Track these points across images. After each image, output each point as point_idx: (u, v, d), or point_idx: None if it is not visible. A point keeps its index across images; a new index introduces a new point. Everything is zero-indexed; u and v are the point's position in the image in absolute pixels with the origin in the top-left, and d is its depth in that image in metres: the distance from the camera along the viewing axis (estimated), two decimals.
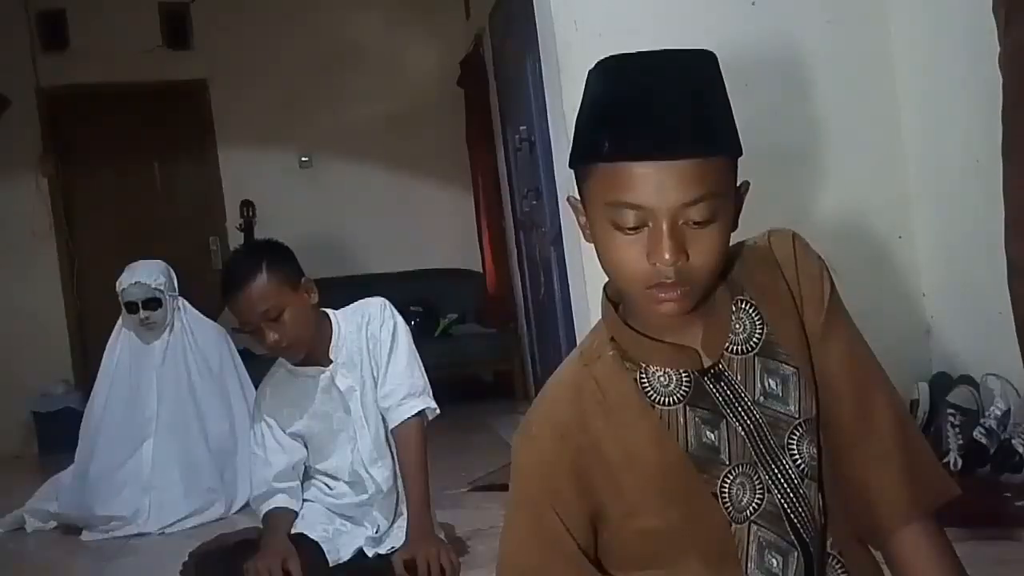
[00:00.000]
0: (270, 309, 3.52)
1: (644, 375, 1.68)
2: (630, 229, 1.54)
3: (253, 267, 3.55)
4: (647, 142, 1.51)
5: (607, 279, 1.72)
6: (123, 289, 5.47)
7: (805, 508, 1.67)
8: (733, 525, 1.66)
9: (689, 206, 1.52)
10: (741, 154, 1.60)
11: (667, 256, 1.51)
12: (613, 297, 1.74)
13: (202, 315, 5.82)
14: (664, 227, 1.52)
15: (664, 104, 1.52)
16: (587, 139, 1.58)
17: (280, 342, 3.57)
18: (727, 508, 1.65)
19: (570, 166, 1.65)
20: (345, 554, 3.74)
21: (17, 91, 9.02)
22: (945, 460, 3.72)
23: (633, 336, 1.69)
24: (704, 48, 1.60)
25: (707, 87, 1.57)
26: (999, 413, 3.78)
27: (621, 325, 1.70)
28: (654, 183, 1.51)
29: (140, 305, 5.45)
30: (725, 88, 1.59)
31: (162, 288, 5.49)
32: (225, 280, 3.61)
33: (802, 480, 1.67)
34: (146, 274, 5.49)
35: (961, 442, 3.74)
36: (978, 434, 3.73)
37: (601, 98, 1.56)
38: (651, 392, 1.68)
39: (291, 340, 3.59)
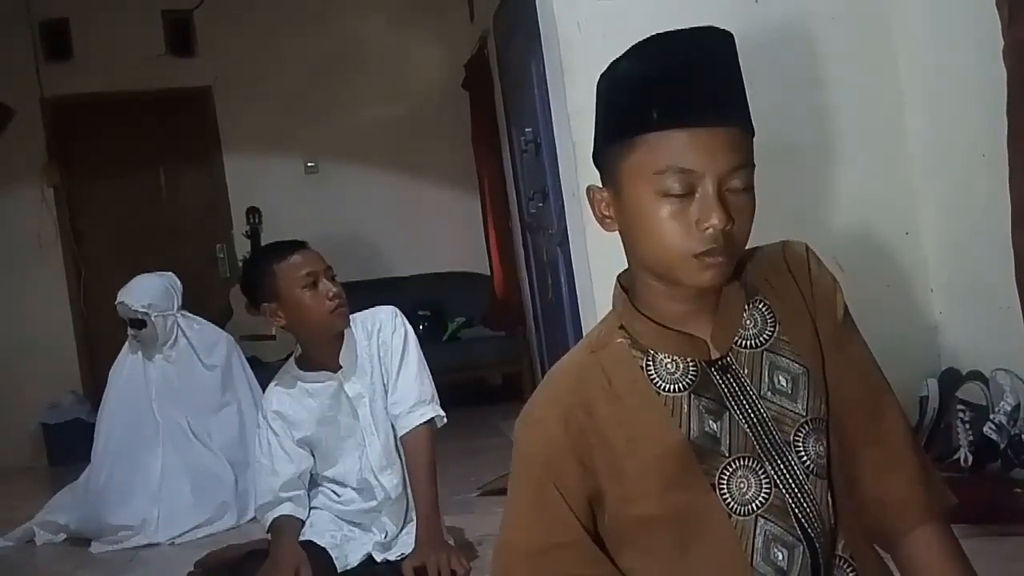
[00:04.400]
0: (330, 268, 3.75)
1: (651, 363, 1.71)
2: (677, 196, 1.59)
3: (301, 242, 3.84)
4: (699, 108, 1.59)
5: (620, 271, 1.78)
6: (116, 305, 5.54)
7: (811, 505, 1.68)
8: (733, 517, 1.66)
9: (735, 171, 1.59)
10: (754, 134, 1.65)
11: (716, 219, 1.57)
12: (627, 285, 1.76)
13: (210, 324, 5.82)
14: (713, 191, 1.58)
15: (711, 74, 1.62)
16: (628, 114, 1.63)
17: (340, 296, 3.71)
18: (725, 499, 1.66)
19: (596, 154, 1.72)
20: (353, 560, 3.74)
21: (21, 101, 9.02)
22: (956, 456, 3.72)
23: (645, 323, 1.72)
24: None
25: (732, 62, 1.66)
26: (1009, 408, 3.76)
27: (634, 312, 1.73)
28: (705, 147, 1.58)
29: (128, 323, 5.49)
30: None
31: (146, 310, 5.50)
32: (275, 248, 3.85)
33: (807, 477, 1.68)
34: (132, 295, 5.52)
35: (971, 438, 3.73)
36: (988, 430, 3.71)
37: (645, 71, 1.63)
38: (657, 379, 1.70)
39: (345, 301, 3.74)
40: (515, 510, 1.79)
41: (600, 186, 1.72)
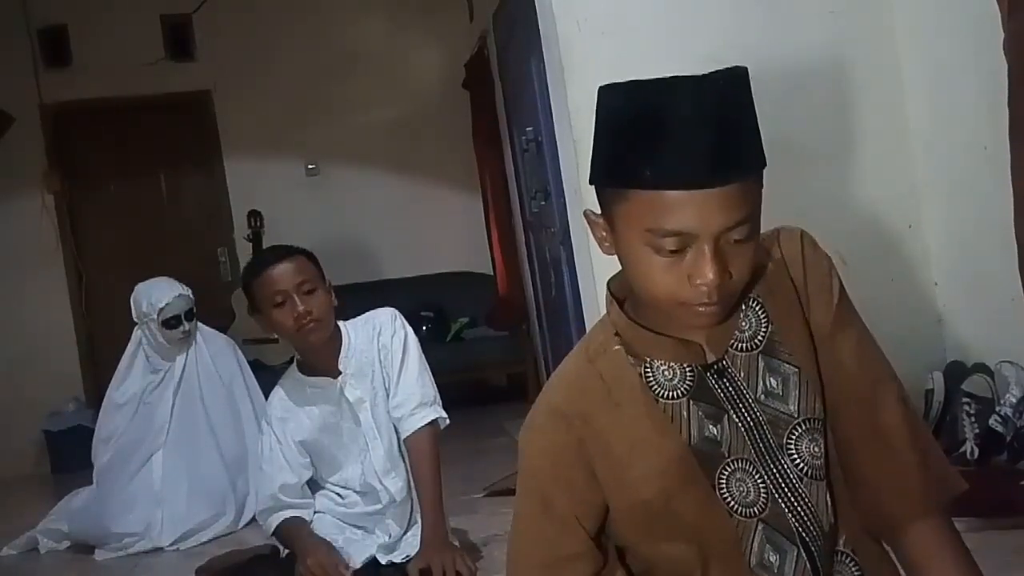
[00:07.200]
0: (307, 281, 3.63)
1: (649, 369, 1.70)
2: (670, 252, 1.55)
3: (292, 249, 3.74)
4: (691, 173, 1.51)
5: (610, 276, 1.73)
6: (166, 304, 5.43)
7: (806, 508, 1.68)
8: (735, 517, 1.67)
9: (732, 228, 1.54)
10: (766, 164, 1.60)
11: (712, 278, 1.53)
12: (617, 293, 1.75)
13: (211, 328, 5.81)
14: (708, 251, 1.53)
15: (714, 130, 1.51)
16: (622, 164, 1.57)
17: (309, 313, 3.61)
18: (727, 501, 1.67)
19: (592, 182, 1.65)
20: (357, 561, 3.72)
21: (21, 108, 8.98)
22: (962, 449, 3.71)
23: (638, 331, 1.71)
24: (736, 65, 1.59)
25: (739, 110, 1.56)
26: (1014, 400, 3.75)
27: (626, 320, 1.72)
28: (697, 210, 1.52)
29: (183, 317, 5.45)
30: (754, 103, 1.59)
31: (192, 297, 5.53)
32: (258, 260, 3.79)
33: (801, 480, 1.68)
34: (180, 287, 5.50)
35: (977, 431, 3.73)
36: (994, 422, 3.71)
37: (642, 123, 1.54)
38: (655, 386, 1.69)
39: (319, 316, 3.63)
40: (523, 523, 1.80)
41: (597, 212, 1.67)
